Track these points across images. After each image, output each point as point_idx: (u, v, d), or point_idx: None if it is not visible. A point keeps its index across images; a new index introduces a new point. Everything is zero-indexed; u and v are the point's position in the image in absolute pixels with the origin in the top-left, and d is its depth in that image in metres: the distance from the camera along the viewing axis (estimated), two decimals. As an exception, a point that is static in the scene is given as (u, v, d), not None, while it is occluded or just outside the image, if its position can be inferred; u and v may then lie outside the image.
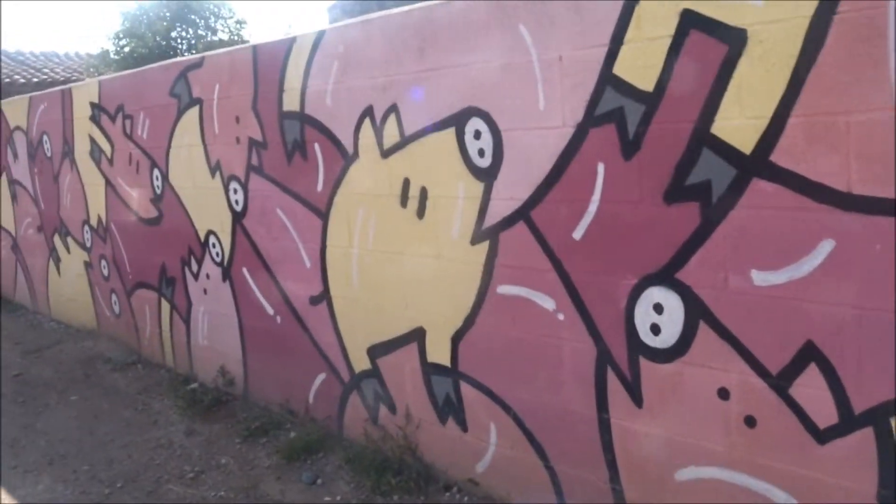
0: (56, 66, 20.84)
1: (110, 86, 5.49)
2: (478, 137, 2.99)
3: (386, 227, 3.48)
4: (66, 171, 6.37)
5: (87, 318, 6.58)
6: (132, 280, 5.74)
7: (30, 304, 7.76)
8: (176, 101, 4.74)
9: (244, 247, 4.43)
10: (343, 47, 3.50)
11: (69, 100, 6.06)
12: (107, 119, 5.57)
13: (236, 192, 4.39)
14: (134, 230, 5.54)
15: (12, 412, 4.94)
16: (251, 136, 4.17)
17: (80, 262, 6.48)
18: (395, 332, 3.57)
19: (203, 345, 5.03)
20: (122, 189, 5.58)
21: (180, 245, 5.02)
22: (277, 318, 4.31)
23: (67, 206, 6.48)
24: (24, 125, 6.96)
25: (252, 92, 4.09)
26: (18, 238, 7.69)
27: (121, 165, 5.52)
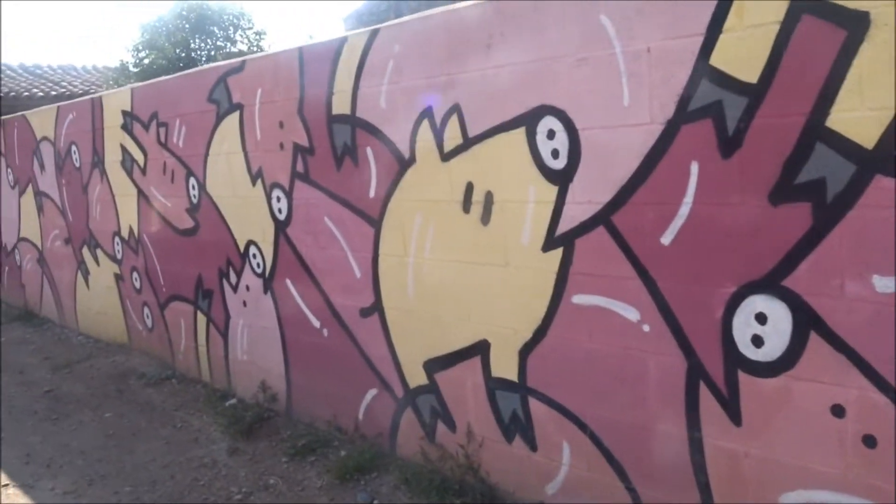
0: (74, 79, 20.89)
1: (143, 93, 5.35)
2: (551, 137, 2.81)
3: (446, 235, 3.31)
4: (95, 182, 6.24)
5: (117, 332, 6.43)
6: (166, 293, 5.59)
7: (56, 318, 7.62)
8: (214, 108, 4.59)
9: (288, 257, 4.27)
10: (399, 46, 3.33)
11: (99, 109, 5.93)
12: (139, 127, 5.43)
13: (279, 200, 4.22)
14: (168, 241, 5.39)
15: (46, 430, 4.79)
16: (296, 141, 4.01)
17: (110, 274, 6.34)
18: (456, 346, 3.39)
19: (242, 359, 4.86)
20: (155, 199, 5.43)
21: (218, 256, 4.86)
22: (324, 330, 4.13)
23: (97, 217, 6.35)
24: (51, 135, 6.84)
25: (298, 96, 3.93)
26: (45, 251, 7.57)
27: (154, 175, 5.38)
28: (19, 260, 8.27)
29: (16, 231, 8.17)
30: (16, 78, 20.41)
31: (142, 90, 5.38)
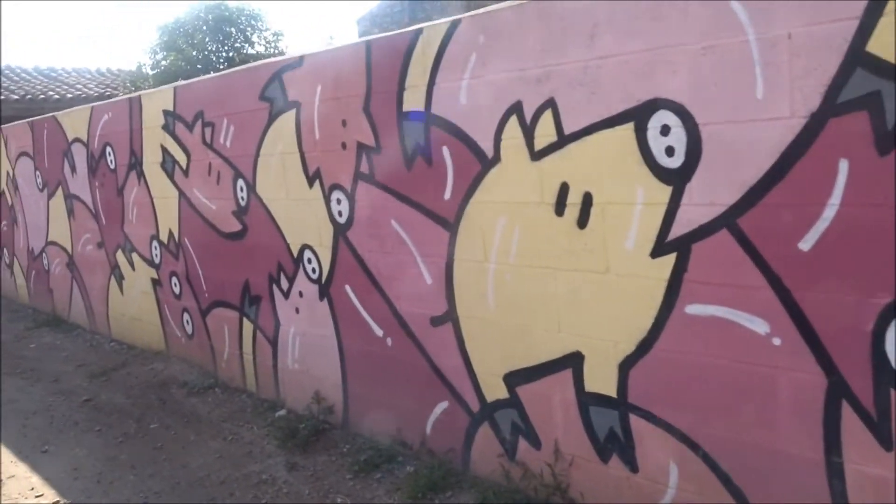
0: (88, 81, 20.78)
1: (188, 92, 5.15)
2: (665, 133, 2.59)
3: (535, 239, 3.08)
4: (132, 184, 6.04)
5: (153, 339, 6.23)
6: (208, 298, 5.38)
7: (87, 324, 7.43)
8: (267, 106, 4.38)
9: (348, 262, 4.05)
10: (484, 37, 3.11)
11: (138, 108, 5.73)
12: (182, 127, 5.23)
13: (340, 202, 4.01)
14: (212, 245, 5.18)
15: (91, 443, 4.58)
16: (361, 140, 3.80)
17: (146, 279, 6.14)
18: (543, 358, 3.16)
19: (293, 368, 4.64)
20: (198, 202, 5.22)
21: (268, 261, 4.65)
22: (388, 340, 3.91)
23: (133, 220, 6.15)
24: (84, 137, 6.65)
25: (364, 92, 3.72)
26: (75, 255, 7.38)
27: (198, 177, 5.17)
28: (47, 264, 8.09)
29: (44, 235, 7.98)
30: (31, 80, 20.31)
31: (186, 89, 5.18)
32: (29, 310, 8.74)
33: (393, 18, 23.79)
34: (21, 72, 21.16)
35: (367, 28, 23.13)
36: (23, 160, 8.09)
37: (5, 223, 9.08)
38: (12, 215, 8.77)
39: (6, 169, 8.59)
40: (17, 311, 8.83)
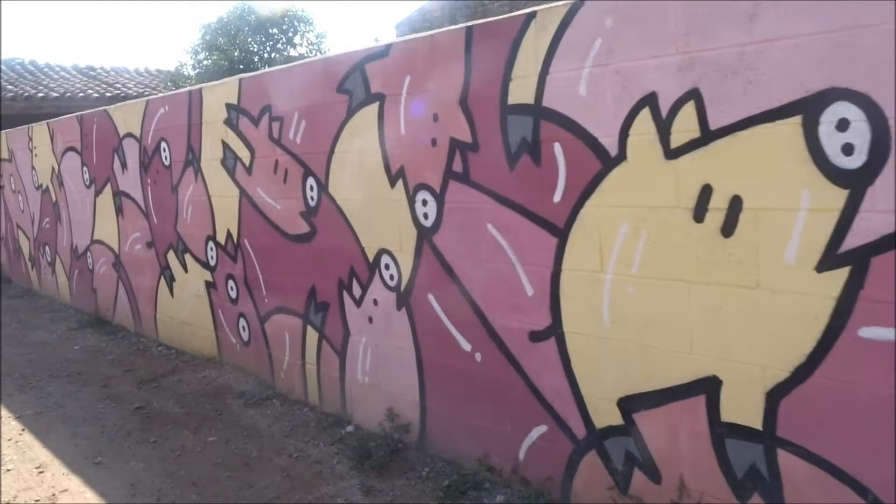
0: (127, 80, 20.81)
1: (254, 84, 4.88)
2: (843, 128, 2.23)
3: (665, 248, 2.74)
4: (188, 182, 5.78)
5: (205, 345, 5.96)
6: (268, 304, 5.09)
7: (132, 326, 7.19)
8: (346, 99, 4.08)
9: (432, 268, 3.73)
10: (613, 20, 2.78)
11: (197, 102, 5.47)
12: (247, 122, 4.95)
13: (426, 204, 3.70)
14: (275, 248, 4.89)
15: (146, 455, 4.30)
16: (455, 136, 3.48)
17: (200, 281, 5.87)
18: (669, 381, 2.81)
19: (363, 381, 4.33)
20: (262, 201, 4.94)
21: (339, 265, 4.35)
22: (477, 355, 3.58)
23: (188, 219, 5.89)
24: (136, 132, 6.42)
25: (461, 83, 3.40)
26: (122, 254, 7.15)
27: (262, 174, 4.89)
28: (91, 263, 7.87)
29: (89, 233, 7.77)
30: (70, 79, 20.37)
31: (253, 81, 4.90)
32: (70, 309, 8.55)
33: (433, 23, 23.61)
34: (60, 70, 21.25)
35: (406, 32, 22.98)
36: (69, 155, 7.90)
37: (47, 220, 8.91)
38: (56, 212, 8.58)
39: (51, 164, 8.41)
40: (59, 310, 8.64)
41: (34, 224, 9.35)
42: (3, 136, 9.82)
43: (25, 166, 9.24)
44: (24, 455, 4.42)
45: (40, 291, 9.55)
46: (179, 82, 15.65)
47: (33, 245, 9.51)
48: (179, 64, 16.33)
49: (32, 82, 19.13)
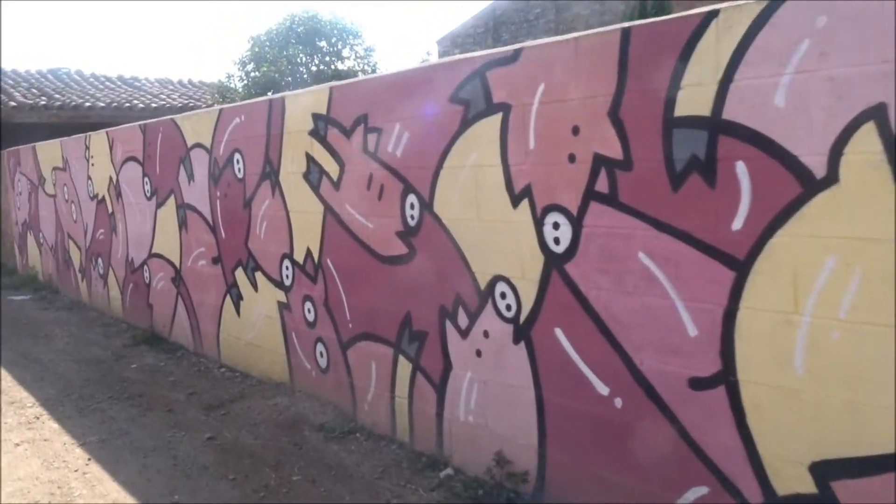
0: (172, 92, 20.80)
1: (348, 93, 4.52)
2: None
3: (889, 289, 2.29)
4: (263, 196, 5.43)
5: (275, 369, 5.58)
6: (353, 330, 4.70)
7: (191, 345, 6.85)
8: (461, 109, 3.70)
9: (562, 300, 3.31)
10: (828, 19, 2.36)
11: (279, 111, 5.13)
12: (337, 133, 4.59)
13: (558, 227, 3.28)
14: (364, 270, 4.51)
15: (227, 494, 3.91)
16: (600, 152, 3.07)
17: (272, 302, 5.51)
18: (884, 447, 2.35)
19: (466, 420, 3.91)
20: (350, 219, 4.57)
21: (442, 291, 3.95)
22: (616, 400, 3.14)
23: (261, 236, 5.53)
24: (207, 142, 6.10)
25: (612, 92, 3.00)
26: (183, 269, 6.82)
27: (353, 190, 4.52)
28: (148, 277, 7.57)
29: (147, 246, 7.47)
30: (115, 89, 20.40)
31: (346, 89, 4.54)
32: (123, 324, 8.24)
33: (475, 39, 23.42)
34: (105, 80, 21.32)
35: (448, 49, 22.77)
36: (130, 165, 7.62)
37: (102, 231, 8.64)
38: (111, 223, 8.31)
39: (109, 174, 8.15)
40: (111, 325, 8.34)
41: (87, 235, 9.10)
42: (58, 144, 9.61)
43: (81, 176, 9.01)
44: (94, 490, 4.05)
45: (90, 304, 9.28)
46: (227, 94, 15.46)
47: (85, 256, 9.26)
48: (227, 75, 16.12)
49: (79, 92, 19.17)
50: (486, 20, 23.38)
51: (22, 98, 17.39)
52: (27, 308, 9.57)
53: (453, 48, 22.48)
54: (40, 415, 5.32)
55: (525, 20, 22.71)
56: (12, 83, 19.05)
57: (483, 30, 23.43)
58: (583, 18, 21.31)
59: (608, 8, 20.80)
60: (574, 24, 20.83)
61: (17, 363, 6.79)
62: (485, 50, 3.48)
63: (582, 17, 21.59)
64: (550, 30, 21.11)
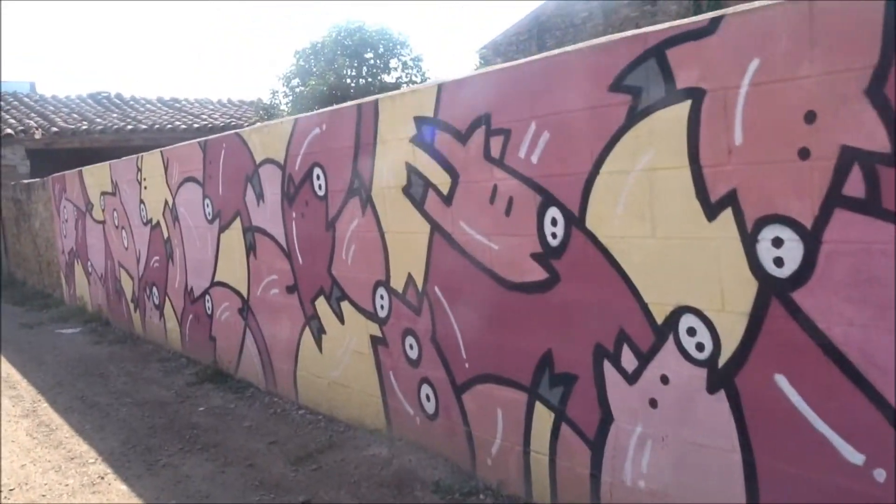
0: (212, 111, 20.49)
1: (463, 89, 3.82)
2: None
3: None
4: (351, 215, 4.75)
5: (366, 413, 4.87)
6: (470, 370, 3.97)
7: (261, 383, 6.18)
8: (626, 100, 2.97)
9: (789, 337, 2.55)
10: None
11: (370, 117, 4.45)
12: (448, 139, 3.89)
13: (781, 244, 2.53)
14: (486, 298, 3.79)
15: (343, 582, 3.18)
16: (851, 143, 2.31)
17: (363, 335, 4.81)
18: None
19: (636, 486, 3.14)
20: (466, 239, 3.85)
21: (597, 326, 3.21)
22: (875, 472, 2.37)
23: (348, 261, 4.85)
24: (279, 157, 5.45)
25: (873, 63, 2.24)
26: (252, 299, 6.17)
27: (470, 205, 3.81)
28: (210, 308, 6.93)
29: (209, 273, 6.84)
30: (156, 111, 20.13)
31: (460, 85, 3.84)
32: (182, 359, 7.62)
33: (519, 47, 22.75)
34: (145, 102, 21.11)
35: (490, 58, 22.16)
36: (188, 186, 7.02)
37: (157, 259, 8.06)
38: (167, 250, 7.72)
39: (164, 196, 7.56)
40: (168, 359, 7.72)
41: (140, 262, 8.53)
42: (107, 167, 9.09)
43: (132, 200, 8.45)
44: (182, 576, 3.35)
45: (144, 336, 8.69)
46: (271, 111, 14.94)
47: (138, 285, 8.69)
48: (271, 92, 15.59)
49: (120, 115, 18.90)
50: (530, 27, 22.76)
51: (63, 123, 17.12)
52: (78, 343, 9.02)
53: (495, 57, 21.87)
54: (105, 473, 4.67)
55: (571, 25, 22.03)
56: (53, 109, 18.87)
57: (526, 37, 22.80)
58: (632, 21, 20.58)
59: (660, 9, 20.05)
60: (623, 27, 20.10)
61: (74, 408, 6.18)
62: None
63: (631, 19, 20.87)
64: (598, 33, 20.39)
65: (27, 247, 13.99)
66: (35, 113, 17.95)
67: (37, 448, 5.29)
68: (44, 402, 6.44)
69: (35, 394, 6.74)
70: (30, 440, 5.48)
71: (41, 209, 12.60)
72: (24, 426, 5.83)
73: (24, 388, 6.96)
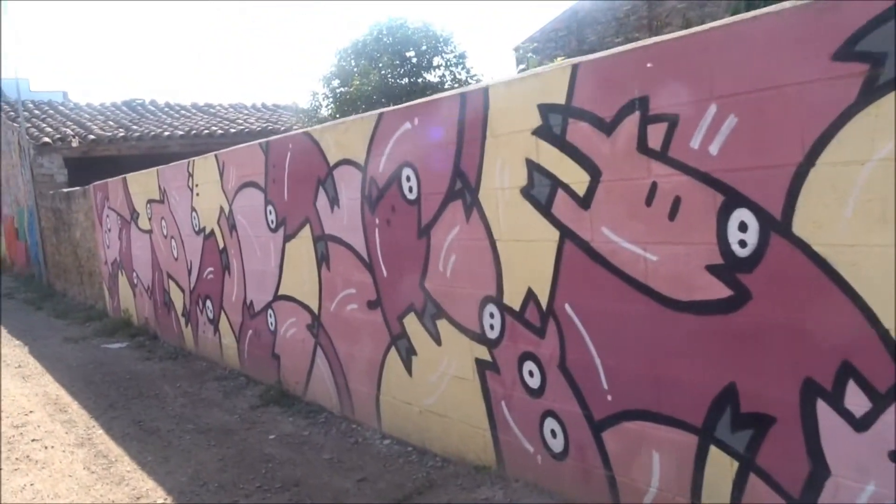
0: (248, 116, 20.09)
1: (607, 70, 3.18)
2: None
3: None
4: (451, 221, 4.14)
5: (471, 448, 4.25)
6: (614, 403, 3.33)
7: (335, 407, 5.59)
8: (860, 70, 2.33)
9: None
10: None
11: (478, 107, 3.84)
12: (586, 129, 3.26)
13: None
14: (638, 319, 3.15)
15: None
16: None
17: (465, 359, 4.19)
18: None
19: (865, 559, 2.48)
20: (613, 248, 3.22)
21: (810, 355, 2.56)
22: None
23: (446, 272, 4.23)
24: (358, 157, 4.86)
25: None
26: (324, 315, 5.58)
27: (617, 207, 3.17)
28: (273, 323, 6.37)
29: (272, 286, 6.28)
30: (192, 117, 19.77)
31: (604, 63, 3.21)
32: (241, 378, 7.07)
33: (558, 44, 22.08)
34: (180, 108, 20.78)
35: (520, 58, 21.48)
36: (247, 192, 6.47)
37: (210, 270, 7.52)
38: (223, 261, 7.18)
39: (220, 203, 7.02)
40: (226, 378, 7.18)
41: (191, 274, 8.01)
42: (154, 174, 8.60)
43: (182, 207, 7.94)
44: None
45: (196, 352, 8.17)
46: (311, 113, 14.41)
47: (189, 298, 8.16)
48: (312, 94, 15.04)
49: (155, 122, 18.56)
50: (568, 22, 22.09)
51: (100, 131, 16.78)
52: (126, 359, 8.53)
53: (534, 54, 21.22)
54: (179, 519, 4.11)
55: (614, 18, 21.31)
56: (88, 116, 18.57)
57: (565, 32, 22.13)
58: (679, 12, 19.81)
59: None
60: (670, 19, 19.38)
61: (132, 435, 5.64)
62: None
63: (679, 10, 20.08)
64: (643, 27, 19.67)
65: (67, 257, 13.61)
66: (71, 121, 17.64)
67: (97, 485, 4.75)
68: (98, 429, 5.92)
69: (88, 418, 6.23)
70: (88, 475, 4.94)
71: (82, 218, 12.20)
72: (80, 457, 5.30)
73: (76, 412, 6.45)
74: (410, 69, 14.32)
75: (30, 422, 6.25)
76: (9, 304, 14.40)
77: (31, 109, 18.43)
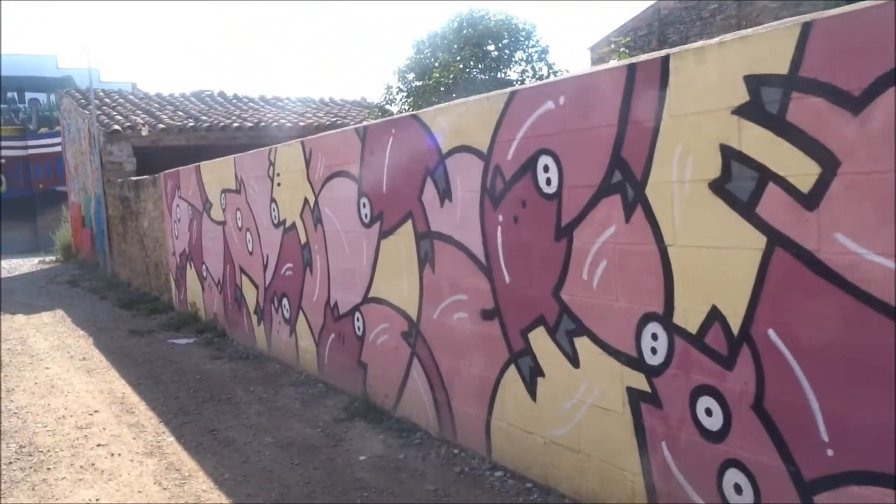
0: (316, 110, 19.73)
1: (855, 30, 2.44)
2: None
3: None
4: (603, 220, 3.44)
5: (612, 492, 3.54)
6: (835, 459, 2.59)
7: (432, 426, 4.94)
8: None
9: None
10: None
11: (653, 80, 3.12)
12: (820, 105, 2.53)
13: None
14: (882, 356, 2.39)
15: None
16: None
17: (614, 386, 3.48)
18: None
19: None
20: (853, 260, 2.48)
21: None
22: None
23: (592, 281, 3.53)
24: (481, 143, 4.20)
25: None
26: (423, 322, 4.94)
27: (864, 207, 2.43)
28: (360, 328, 5.76)
29: (362, 287, 5.67)
30: (260, 109, 19.52)
31: (850, 22, 2.47)
32: (319, 385, 6.49)
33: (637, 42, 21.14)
34: (248, 100, 20.57)
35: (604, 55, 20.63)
36: (337, 182, 5.88)
37: (289, 266, 6.97)
38: (305, 257, 6.61)
39: (304, 195, 6.45)
40: (302, 384, 6.61)
41: (267, 269, 7.48)
42: (231, 162, 8.11)
43: (260, 198, 7.41)
44: None
45: (269, 353, 7.64)
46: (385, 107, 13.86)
47: (263, 295, 7.64)
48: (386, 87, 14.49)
49: (224, 113, 18.32)
50: (649, 21, 21.17)
51: (169, 120, 16.58)
52: (195, 356, 8.05)
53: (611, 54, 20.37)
54: (269, 558, 3.49)
55: (699, 18, 20.33)
56: (158, 106, 18.43)
57: (646, 31, 21.22)
58: (772, 11, 18.73)
59: (804, -4, 18.03)
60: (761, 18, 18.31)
61: (206, 446, 5.10)
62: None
63: (771, 9, 18.99)
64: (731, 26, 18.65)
65: (133, 247, 13.34)
66: (140, 110, 17.51)
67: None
68: (169, 436, 5.39)
69: (157, 423, 5.72)
70: (160, 491, 4.39)
71: (150, 207, 11.87)
72: (150, 468, 4.77)
73: (144, 414, 5.95)
74: (490, 63, 13.64)
75: (95, 423, 5.78)
76: (73, 291, 14.24)
77: (102, 98, 18.39)
